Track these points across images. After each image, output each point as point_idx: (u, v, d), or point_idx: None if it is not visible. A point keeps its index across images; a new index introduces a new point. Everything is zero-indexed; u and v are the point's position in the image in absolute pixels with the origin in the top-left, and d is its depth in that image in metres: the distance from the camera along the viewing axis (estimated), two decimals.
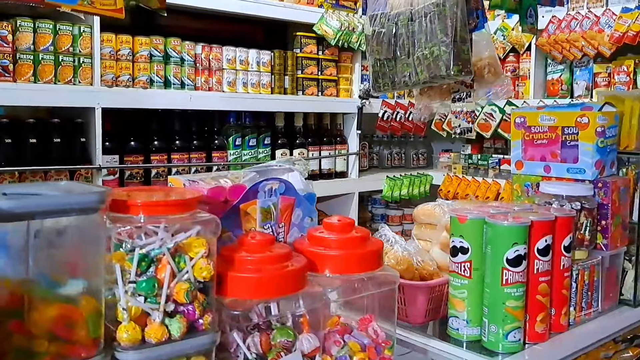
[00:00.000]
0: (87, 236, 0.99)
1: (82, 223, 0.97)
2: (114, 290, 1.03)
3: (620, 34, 3.98)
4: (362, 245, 1.39)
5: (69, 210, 0.96)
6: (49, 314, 0.96)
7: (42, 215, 0.92)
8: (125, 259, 1.04)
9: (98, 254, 1.00)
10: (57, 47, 3.33)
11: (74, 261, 1.00)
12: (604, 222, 2.05)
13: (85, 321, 0.99)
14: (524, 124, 2.22)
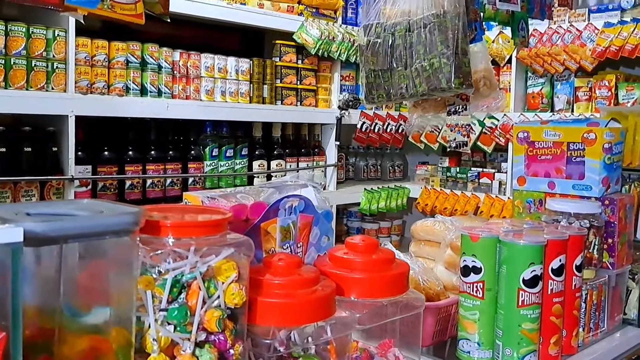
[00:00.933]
0: (120, 260, 0.89)
1: (113, 246, 0.87)
2: (142, 318, 0.93)
3: (603, 49, 3.98)
4: (389, 268, 1.31)
5: (104, 233, 0.86)
6: (78, 347, 0.86)
7: (76, 238, 0.82)
8: (154, 284, 0.94)
9: (130, 280, 0.90)
10: (29, 52, 3.19)
11: (105, 288, 0.90)
12: (610, 240, 2.00)
13: (115, 354, 0.89)
14: (527, 138, 2.17)
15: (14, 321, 0.73)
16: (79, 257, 0.86)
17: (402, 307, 1.31)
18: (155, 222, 0.97)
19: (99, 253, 0.89)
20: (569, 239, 1.75)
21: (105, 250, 0.89)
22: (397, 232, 5.33)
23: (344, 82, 4.77)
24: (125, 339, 0.90)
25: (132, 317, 0.92)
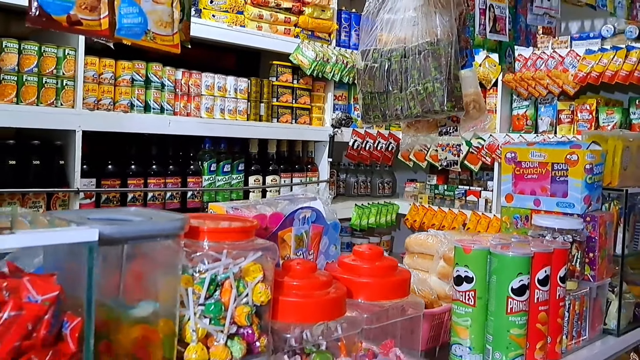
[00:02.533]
0: (167, 261, 1.03)
1: (161, 248, 1.01)
2: (182, 312, 1.06)
3: (584, 74, 4.18)
4: (392, 274, 1.46)
5: (157, 236, 1.00)
6: (131, 335, 1.00)
7: (135, 240, 0.96)
8: (193, 283, 1.08)
9: (175, 278, 1.04)
10: (41, 69, 3.32)
11: (154, 285, 1.04)
12: (591, 255, 2.16)
13: (162, 342, 1.03)
14: (515, 159, 2.33)
15: (87, 310, 0.87)
16: (133, 257, 1.00)
17: (404, 310, 1.45)
18: (195, 228, 1.11)
19: (150, 254, 1.03)
20: (553, 252, 1.91)
21: (155, 252, 1.03)
22: (386, 248, 5.46)
23: (337, 102, 4.93)
24: (170, 330, 1.04)
25: (176, 311, 1.05)
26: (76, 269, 0.88)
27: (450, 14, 2.49)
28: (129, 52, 3.66)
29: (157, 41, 1.34)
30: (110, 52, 3.60)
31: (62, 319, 0.87)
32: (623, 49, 4.07)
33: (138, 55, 3.73)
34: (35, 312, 0.84)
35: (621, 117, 4.20)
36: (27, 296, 0.85)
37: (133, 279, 1.02)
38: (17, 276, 0.91)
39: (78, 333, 0.87)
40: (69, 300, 0.88)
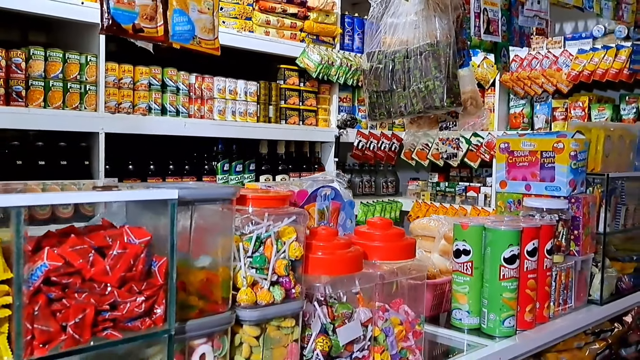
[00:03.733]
0: (224, 221, 1.28)
1: (220, 211, 1.27)
2: (232, 263, 1.31)
3: (577, 73, 4.44)
4: (400, 240, 1.71)
5: (217, 199, 1.25)
6: (198, 277, 1.25)
7: (201, 202, 1.21)
8: (242, 240, 1.33)
9: (230, 235, 1.29)
10: (65, 75, 3.56)
11: (214, 240, 1.29)
12: (576, 232, 2.41)
13: (221, 285, 1.28)
14: (508, 148, 2.58)
15: (171, 252, 1.12)
16: (198, 217, 1.25)
17: (410, 270, 1.70)
18: (242, 196, 1.36)
19: (211, 216, 1.28)
20: (541, 228, 2.16)
21: (214, 214, 1.28)
22: None
23: (342, 104, 5.18)
24: (227, 275, 1.29)
25: (231, 261, 1.31)
26: (153, 224, 1.13)
27: (448, 18, 2.74)
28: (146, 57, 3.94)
29: (202, 45, 1.59)
30: (128, 58, 3.88)
31: (152, 258, 1.12)
32: (613, 48, 4.33)
33: (154, 61, 3.98)
34: (135, 251, 1.09)
35: (612, 113, 4.46)
36: (128, 240, 1.10)
37: (198, 235, 1.27)
38: (112, 228, 1.16)
39: (164, 269, 1.12)
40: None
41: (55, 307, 1.01)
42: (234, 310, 1.29)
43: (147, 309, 1.11)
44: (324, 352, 1.48)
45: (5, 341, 0.95)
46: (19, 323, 0.96)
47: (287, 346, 1.42)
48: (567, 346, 2.38)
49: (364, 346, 1.57)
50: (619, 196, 2.63)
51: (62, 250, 1.03)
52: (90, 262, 1.04)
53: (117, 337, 1.08)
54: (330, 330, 1.50)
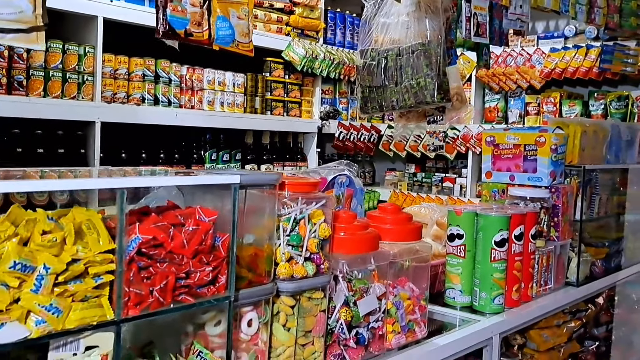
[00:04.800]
0: (269, 203, 1.46)
1: (265, 195, 1.45)
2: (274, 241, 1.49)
3: (549, 70, 4.69)
4: (409, 223, 1.91)
5: (265, 184, 1.43)
6: (248, 252, 1.43)
7: (252, 186, 1.39)
8: (281, 221, 1.52)
9: (273, 216, 1.47)
10: (65, 65, 3.69)
11: (261, 219, 1.47)
12: (556, 219, 2.64)
13: (266, 260, 1.45)
14: (493, 142, 2.80)
15: (232, 230, 1.30)
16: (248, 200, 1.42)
17: (417, 250, 1.90)
18: (280, 182, 1.54)
19: (258, 199, 1.46)
20: (526, 214, 2.38)
21: (260, 197, 1.46)
22: None
23: (324, 96, 5.37)
24: (270, 251, 1.47)
25: (274, 239, 1.49)
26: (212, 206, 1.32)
27: (438, 19, 2.95)
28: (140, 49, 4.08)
29: (239, 47, 1.76)
30: (124, 50, 4.01)
31: (217, 234, 1.30)
32: (583, 47, 4.59)
33: (148, 53, 4.12)
34: (205, 227, 1.26)
35: (581, 109, 4.72)
36: (200, 217, 1.27)
37: (248, 216, 1.45)
38: (177, 208, 1.34)
39: (227, 244, 1.30)
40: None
41: (144, 274, 1.18)
42: (275, 282, 1.48)
43: (212, 277, 1.29)
44: (346, 322, 1.67)
45: (107, 301, 1.13)
46: (120, 286, 1.13)
47: (317, 315, 1.61)
48: (548, 324, 2.62)
49: (378, 317, 1.77)
50: (593, 187, 2.87)
51: (147, 227, 1.21)
52: (171, 236, 1.22)
53: (190, 301, 1.26)
54: (352, 302, 1.69)
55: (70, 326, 1.08)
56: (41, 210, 1.10)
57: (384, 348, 1.80)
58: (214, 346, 1.38)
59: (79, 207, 1.16)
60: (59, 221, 1.12)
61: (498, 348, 2.18)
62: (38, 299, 1.03)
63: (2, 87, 3.41)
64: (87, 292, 1.10)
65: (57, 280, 1.06)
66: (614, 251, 3.05)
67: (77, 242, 1.10)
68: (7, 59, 3.46)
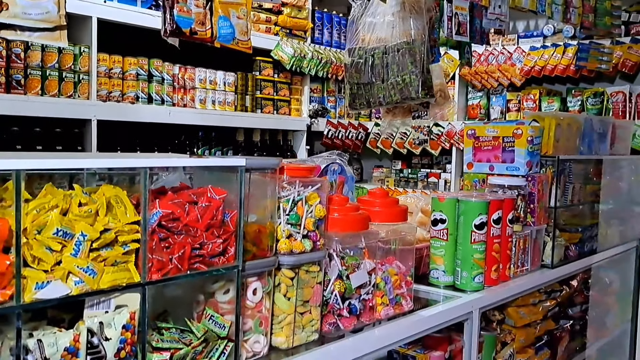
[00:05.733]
0: (270, 186, 1.63)
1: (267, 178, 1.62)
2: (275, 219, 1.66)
3: (529, 68, 4.90)
4: (395, 206, 2.09)
5: (267, 168, 1.60)
6: (253, 228, 1.59)
7: (256, 169, 1.56)
8: (281, 202, 1.68)
9: (274, 197, 1.64)
10: (61, 65, 3.83)
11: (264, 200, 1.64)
12: (532, 206, 2.82)
13: (268, 236, 1.62)
14: (474, 134, 2.98)
15: (240, 207, 1.47)
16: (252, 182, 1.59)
17: (403, 231, 2.08)
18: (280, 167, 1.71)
19: (260, 181, 1.62)
20: (504, 200, 2.56)
21: (262, 180, 1.63)
22: None
23: (313, 94, 5.55)
24: (272, 228, 1.64)
25: (275, 218, 1.66)
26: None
27: (422, 19, 3.12)
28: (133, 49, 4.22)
29: (239, 45, 1.93)
30: (118, 50, 4.16)
31: (226, 211, 1.46)
32: (561, 46, 4.80)
33: (141, 52, 4.26)
34: (216, 203, 1.42)
35: (560, 105, 4.93)
36: (211, 195, 1.44)
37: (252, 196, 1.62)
38: (189, 188, 1.51)
39: (235, 220, 1.47)
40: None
41: (164, 244, 1.35)
42: (277, 256, 1.65)
43: (223, 249, 1.46)
44: (340, 293, 1.85)
45: (134, 266, 1.29)
46: (145, 254, 1.30)
47: (314, 287, 1.78)
48: (525, 302, 2.80)
49: (369, 290, 1.94)
50: (567, 176, 3.06)
51: (166, 203, 1.37)
52: (186, 211, 1.39)
53: (204, 269, 1.42)
54: (345, 276, 1.87)
55: (103, 286, 1.24)
56: (77, 186, 1.27)
57: (373, 318, 1.97)
58: (223, 312, 1.54)
59: (107, 185, 1.33)
60: (91, 196, 1.28)
61: (478, 322, 2.36)
62: (77, 261, 1.20)
63: (1, 86, 3.55)
64: (117, 258, 1.27)
65: (92, 246, 1.23)
66: (587, 236, 3.24)
67: (107, 214, 1.27)
68: (6, 59, 3.60)
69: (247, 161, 1.50)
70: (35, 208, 1.17)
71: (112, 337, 1.25)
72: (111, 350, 1.25)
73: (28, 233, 1.15)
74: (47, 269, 1.17)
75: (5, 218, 1.12)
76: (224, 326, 1.50)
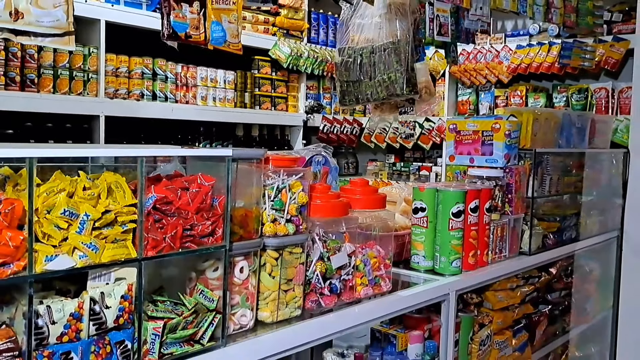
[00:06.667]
0: (256, 175, 1.81)
1: (253, 168, 1.80)
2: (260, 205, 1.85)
3: (515, 66, 5.07)
4: (374, 194, 2.28)
5: (253, 158, 1.79)
6: (240, 213, 1.78)
7: (243, 159, 1.75)
8: (266, 189, 1.87)
9: (260, 185, 1.83)
10: (71, 64, 4.04)
11: (250, 189, 1.82)
12: (510, 196, 3.00)
13: (254, 219, 1.81)
14: (456, 129, 3.16)
15: (227, 192, 1.65)
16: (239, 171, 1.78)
17: (381, 216, 2.26)
18: (265, 158, 1.89)
19: (247, 170, 1.81)
20: (481, 190, 2.74)
21: (249, 169, 1.81)
22: None
23: (309, 91, 5.73)
24: (258, 213, 1.82)
25: (260, 203, 1.84)
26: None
27: (407, 20, 3.31)
28: (138, 49, 4.42)
29: (230, 47, 2.11)
30: (125, 50, 4.36)
31: (215, 196, 1.65)
32: (546, 44, 4.97)
33: (146, 52, 4.47)
34: (205, 189, 1.61)
35: (545, 101, 5.10)
36: (201, 182, 1.62)
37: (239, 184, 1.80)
38: (182, 176, 1.69)
39: (223, 204, 1.65)
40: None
41: (159, 225, 1.54)
42: (262, 238, 1.84)
43: (212, 230, 1.64)
44: (322, 273, 2.03)
45: (131, 244, 1.48)
46: (141, 233, 1.48)
47: (297, 267, 1.96)
48: (503, 287, 2.98)
49: (349, 271, 2.13)
50: (544, 168, 3.23)
51: (160, 188, 1.56)
52: (178, 196, 1.57)
53: (194, 248, 1.61)
54: (326, 257, 2.05)
55: (104, 261, 1.43)
56: (82, 172, 1.46)
57: (353, 297, 2.16)
58: (212, 287, 1.73)
59: (109, 172, 1.51)
60: (94, 181, 1.47)
61: (454, 303, 2.55)
62: (81, 238, 1.38)
63: (16, 84, 3.75)
64: (117, 236, 1.45)
65: (95, 225, 1.41)
66: (566, 226, 3.42)
67: (108, 198, 1.46)
68: (20, 59, 3.81)
69: (233, 151, 1.69)
70: (45, 191, 1.36)
71: (111, 305, 1.44)
72: (111, 317, 1.44)
73: (39, 213, 1.34)
74: (55, 244, 1.36)
75: (20, 199, 1.31)
76: (213, 300, 1.68)
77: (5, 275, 1.27)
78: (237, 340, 1.77)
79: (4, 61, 3.72)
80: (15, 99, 3.72)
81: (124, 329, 1.48)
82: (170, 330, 1.57)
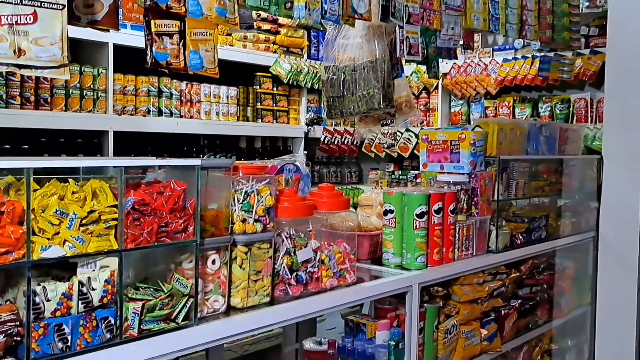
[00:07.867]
0: (224, 182, 2.13)
1: (221, 176, 2.12)
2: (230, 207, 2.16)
3: (502, 78, 5.36)
4: (339, 197, 2.59)
5: (221, 167, 2.11)
6: (211, 214, 2.10)
7: (212, 168, 2.07)
8: (236, 193, 2.18)
9: (228, 190, 2.15)
10: (82, 84, 4.39)
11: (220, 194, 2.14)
12: (475, 199, 3.28)
13: (224, 219, 2.12)
14: (428, 139, 3.45)
15: (197, 196, 1.98)
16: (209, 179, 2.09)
17: (345, 217, 2.57)
18: (235, 166, 2.21)
19: (216, 178, 2.12)
20: (445, 194, 3.04)
21: (218, 177, 2.13)
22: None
23: (310, 105, 6.05)
24: (228, 214, 2.13)
25: (230, 206, 2.15)
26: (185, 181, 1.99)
27: (383, 41, 3.62)
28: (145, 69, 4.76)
29: (207, 71, 2.44)
30: (132, 70, 4.71)
31: (187, 199, 1.97)
32: (529, 58, 5.25)
33: (152, 72, 4.81)
34: (178, 193, 1.92)
35: (531, 111, 5.38)
36: (174, 187, 1.94)
37: (210, 189, 2.12)
38: (160, 183, 2.01)
39: (194, 205, 1.97)
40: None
41: (137, 223, 1.86)
42: (232, 235, 2.15)
43: (184, 227, 1.96)
44: (288, 266, 2.34)
45: (114, 238, 1.80)
46: (121, 229, 1.80)
47: (265, 260, 2.27)
48: (469, 281, 3.26)
49: (314, 264, 2.44)
50: (510, 173, 3.51)
51: (140, 192, 1.88)
52: (154, 199, 1.90)
53: (168, 242, 1.93)
54: (292, 252, 2.36)
55: (90, 251, 1.75)
56: (71, 180, 1.79)
57: (319, 287, 2.46)
58: (187, 276, 2.04)
59: (94, 179, 1.84)
60: (82, 187, 1.80)
61: (417, 294, 2.83)
62: (71, 232, 1.71)
63: (30, 103, 4.11)
64: (100, 231, 1.78)
65: (82, 222, 1.74)
66: (535, 226, 3.69)
67: (93, 200, 1.78)
68: (35, 80, 4.17)
69: (202, 162, 2.01)
70: (40, 194, 1.69)
71: (97, 288, 1.76)
72: (96, 297, 1.76)
73: (35, 211, 1.67)
74: (49, 237, 1.68)
75: (20, 201, 1.64)
76: (187, 286, 2.00)
77: (8, 261, 1.60)
78: (209, 321, 2.09)
79: (20, 83, 4.08)
80: (30, 117, 4.07)
81: (108, 308, 1.80)
82: (148, 310, 1.89)
